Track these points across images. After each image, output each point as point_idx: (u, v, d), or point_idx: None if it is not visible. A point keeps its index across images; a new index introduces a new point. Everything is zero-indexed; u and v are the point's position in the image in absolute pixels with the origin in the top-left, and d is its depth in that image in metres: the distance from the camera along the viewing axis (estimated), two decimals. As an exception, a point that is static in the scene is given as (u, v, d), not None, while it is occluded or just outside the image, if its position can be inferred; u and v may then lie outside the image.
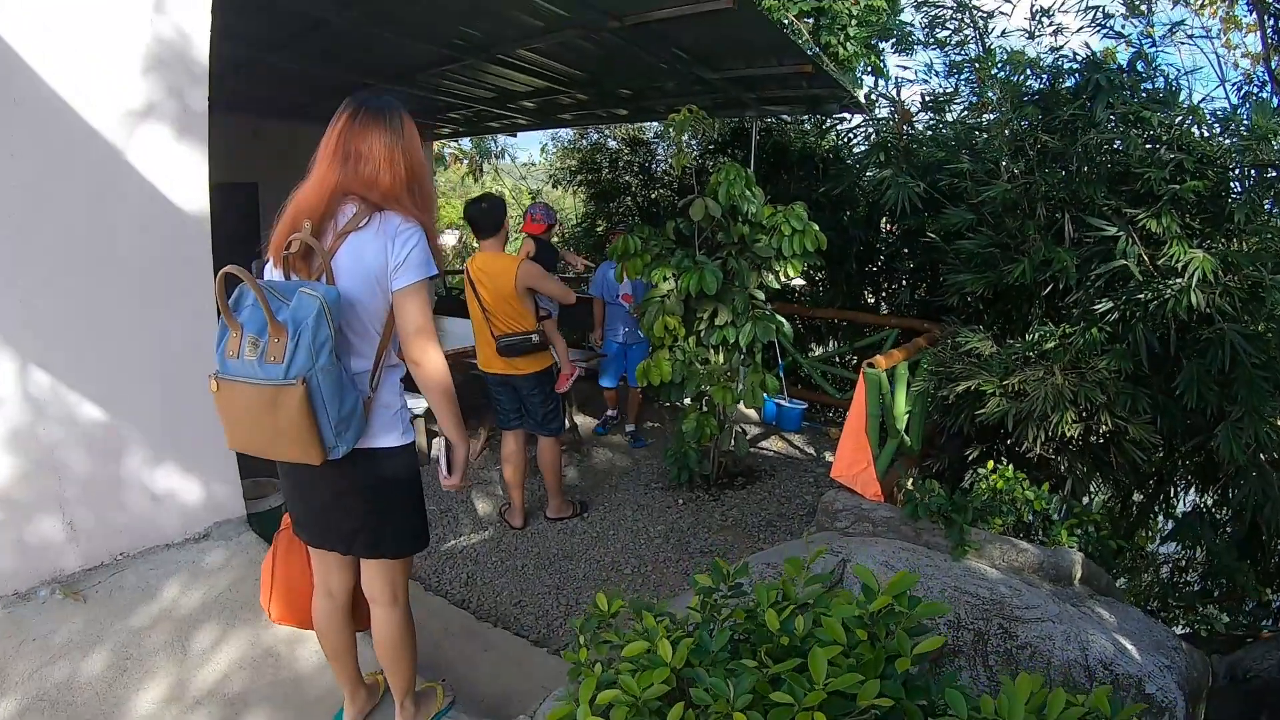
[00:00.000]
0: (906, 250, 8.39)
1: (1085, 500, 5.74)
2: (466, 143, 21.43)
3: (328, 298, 2.43)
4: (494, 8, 6.29)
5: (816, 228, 5.72)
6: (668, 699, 2.07)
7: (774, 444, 7.91)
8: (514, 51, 7.59)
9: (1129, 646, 3.64)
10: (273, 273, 2.70)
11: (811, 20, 8.93)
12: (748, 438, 7.70)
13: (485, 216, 5.39)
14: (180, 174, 4.55)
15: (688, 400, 6.28)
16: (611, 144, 13.79)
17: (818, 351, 9.48)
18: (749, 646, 2.27)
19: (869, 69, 7.65)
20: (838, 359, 8.83)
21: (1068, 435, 4.85)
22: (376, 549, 2.86)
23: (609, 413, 8.16)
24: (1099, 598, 4.30)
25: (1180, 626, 6.68)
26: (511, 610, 5.00)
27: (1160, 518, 7.03)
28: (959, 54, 7.34)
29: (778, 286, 5.97)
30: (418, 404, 7.17)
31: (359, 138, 2.66)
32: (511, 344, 5.41)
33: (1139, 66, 5.88)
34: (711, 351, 6.03)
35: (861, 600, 2.18)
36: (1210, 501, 6.14)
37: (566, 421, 8.12)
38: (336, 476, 2.70)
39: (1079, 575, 4.39)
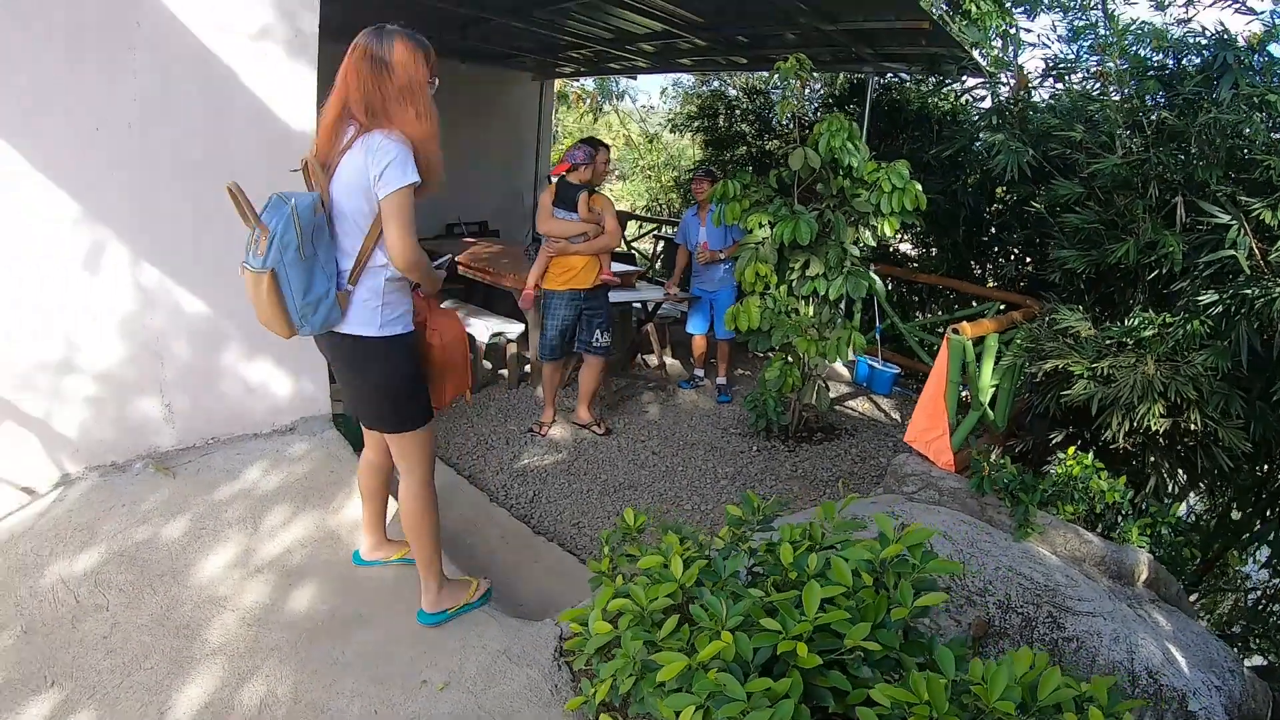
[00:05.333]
0: (1015, 221, 8.21)
1: (1168, 503, 5.61)
2: (590, 83, 21.46)
3: (299, 207, 2.95)
4: None
5: (918, 187, 5.68)
6: (673, 614, 2.21)
7: (860, 404, 7.93)
8: None
9: (1179, 658, 3.62)
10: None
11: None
12: (836, 396, 7.76)
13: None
14: (290, 92, 4.94)
15: (774, 349, 6.32)
16: (730, 92, 13.70)
17: (920, 319, 9.35)
18: (764, 578, 2.40)
19: (999, 30, 7.44)
20: (939, 327, 8.67)
21: (1154, 429, 4.76)
22: (379, 422, 3.43)
23: (697, 372, 8.20)
24: (1160, 604, 4.25)
25: (1258, 657, 6.52)
26: (569, 530, 5.25)
27: (1256, 540, 6.70)
28: (1081, 19, 7.13)
29: (873, 244, 5.97)
30: (510, 329, 7.42)
31: (354, 68, 3.00)
32: None
33: (1270, 49, 5.66)
34: (801, 303, 6.07)
35: (875, 547, 2.27)
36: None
37: (654, 359, 8.47)
38: (337, 358, 3.30)
39: (1143, 577, 4.35)
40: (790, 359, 6.26)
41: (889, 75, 9.95)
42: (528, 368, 7.92)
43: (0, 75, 4.18)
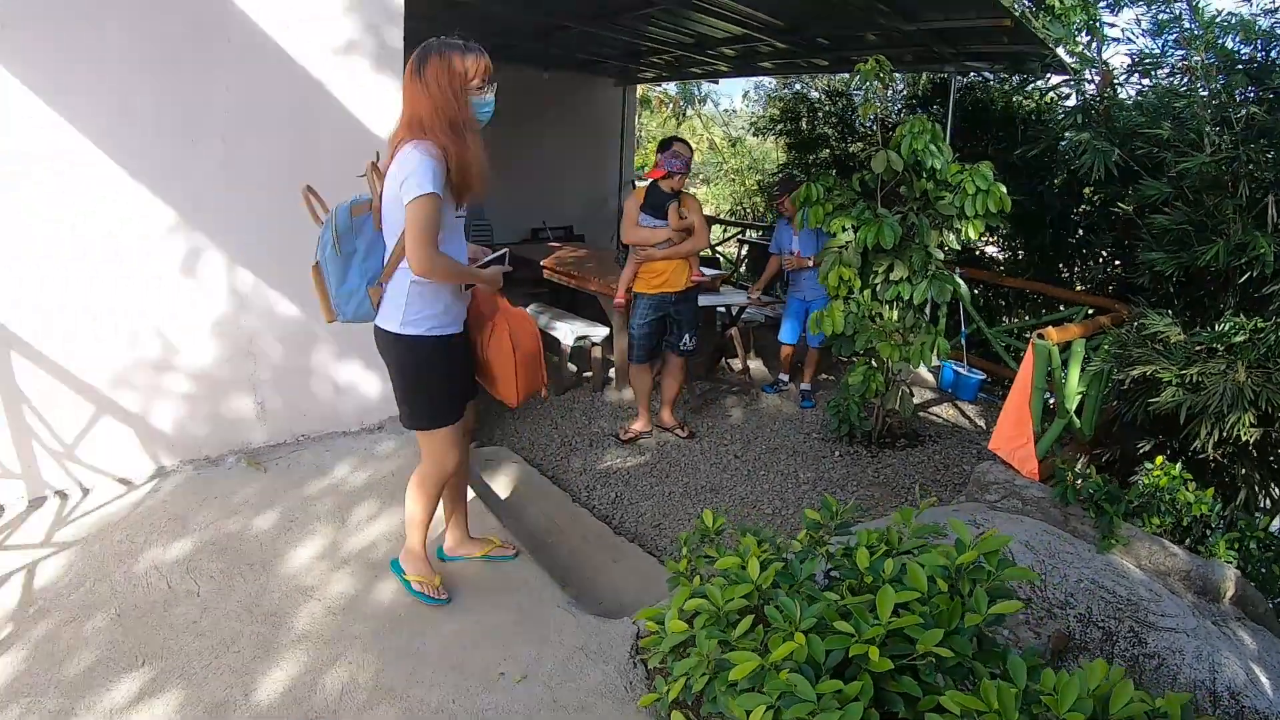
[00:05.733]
0: (1102, 223, 8.02)
1: (1259, 517, 5.43)
2: (673, 87, 21.54)
3: (338, 210, 3.40)
4: None
5: (1003, 189, 5.60)
6: (748, 615, 2.23)
7: (945, 411, 7.85)
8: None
9: (1264, 680, 3.54)
10: None
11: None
12: (921, 401, 7.74)
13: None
14: (375, 104, 5.20)
15: (857, 354, 6.26)
16: (812, 94, 13.62)
17: (1007, 323, 9.20)
18: (840, 582, 2.41)
19: (1084, 26, 7.26)
20: (1025, 332, 8.44)
21: (1244, 439, 4.62)
22: (400, 415, 3.67)
23: (781, 376, 8.14)
24: (1247, 623, 4.14)
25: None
26: (650, 531, 5.32)
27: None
28: (1165, 12, 6.97)
29: (958, 247, 5.91)
30: (595, 332, 7.50)
31: (405, 82, 3.29)
32: None
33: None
34: (885, 307, 6.03)
35: (951, 553, 2.28)
36: None
37: (738, 364, 8.49)
38: (378, 349, 3.56)
39: (1230, 594, 4.24)
40: (874, 364, 6.23)
41: (972, 75, 9.83)
42: (612, 371, 8.01)
43: (100, 90, 4.50)
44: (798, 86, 14.42)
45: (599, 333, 7.70)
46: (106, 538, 4.38)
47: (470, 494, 4.70)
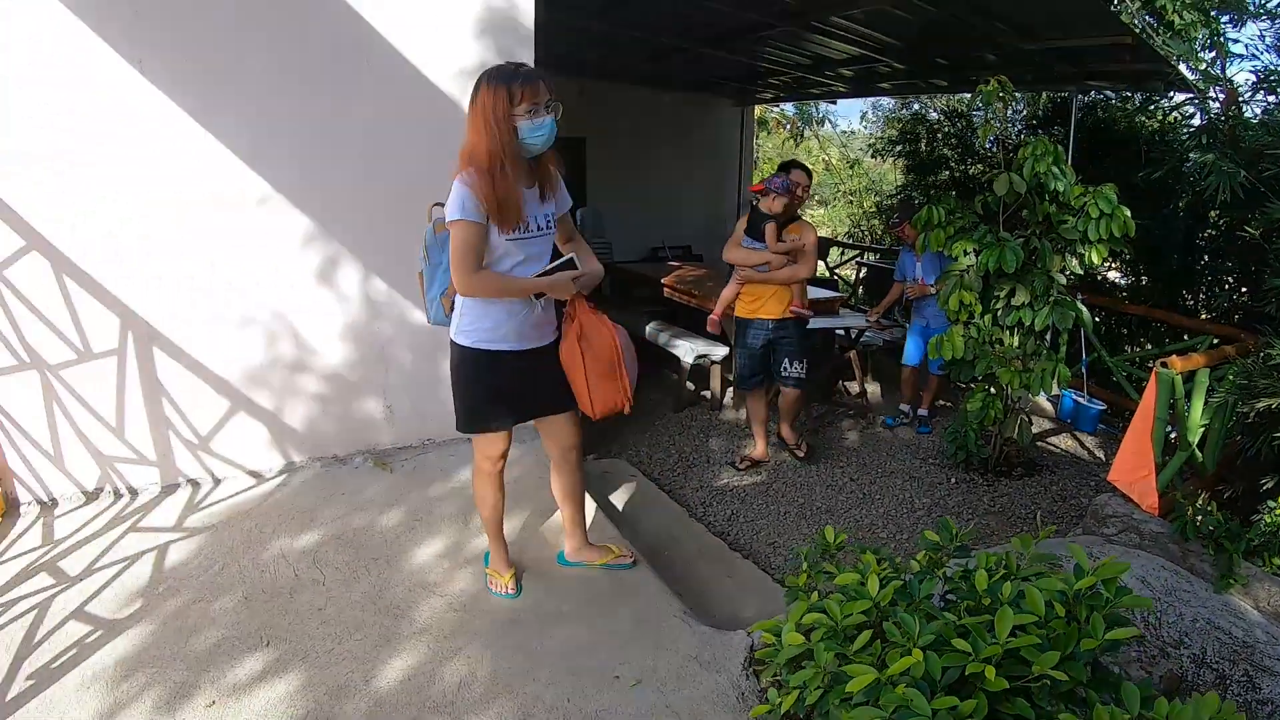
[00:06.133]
0: (1229, 248, 7.81)
1: None
2: (790, 107, 21.51)
3: (427, 229, 3.74)
4: None
5: (1127, 213, 5.48)
6: (865, 630, 2.28)
7: (1063, 441, 7.72)
8: (828, 19, 7.75)
9: None
10: None
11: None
12: (1039, 431, 7.62)
13: None
14: None
15: (976, 380, 6.23)
16: (931, 115, 13.54)
17: (1129, 351, 8.96)
18: (956, 604, 2.45)
19: (1207, 42, 7.06)
20: (1148, 361, 8.19)
21: None
22: None
23: (903, 407, 7.99)
24: None
25: None
26: (764, 549, 5.38)
27: None
28: None
29: (1080, 272, 5.82)
30: (715, 351, 7.69)
31: None
32: None
33: None
34: (1006, 333, 5.98)
35: (1070, 579, 2.30)
36: None
37: (855, 387, 8.46)
38: None
39: None
40: (993, 390, 6.18)
41: (1093, 93, 9.67)
42: (730, 390, 8.08)
43: (246, 110, 4.95)
44: (916, 107, 14.40)
45: (718, 352, 7.77)
46: (236, 525, 4.68)
47: (590, 503, 4.86)
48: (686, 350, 7.78)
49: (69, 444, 5.00)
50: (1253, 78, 7.11)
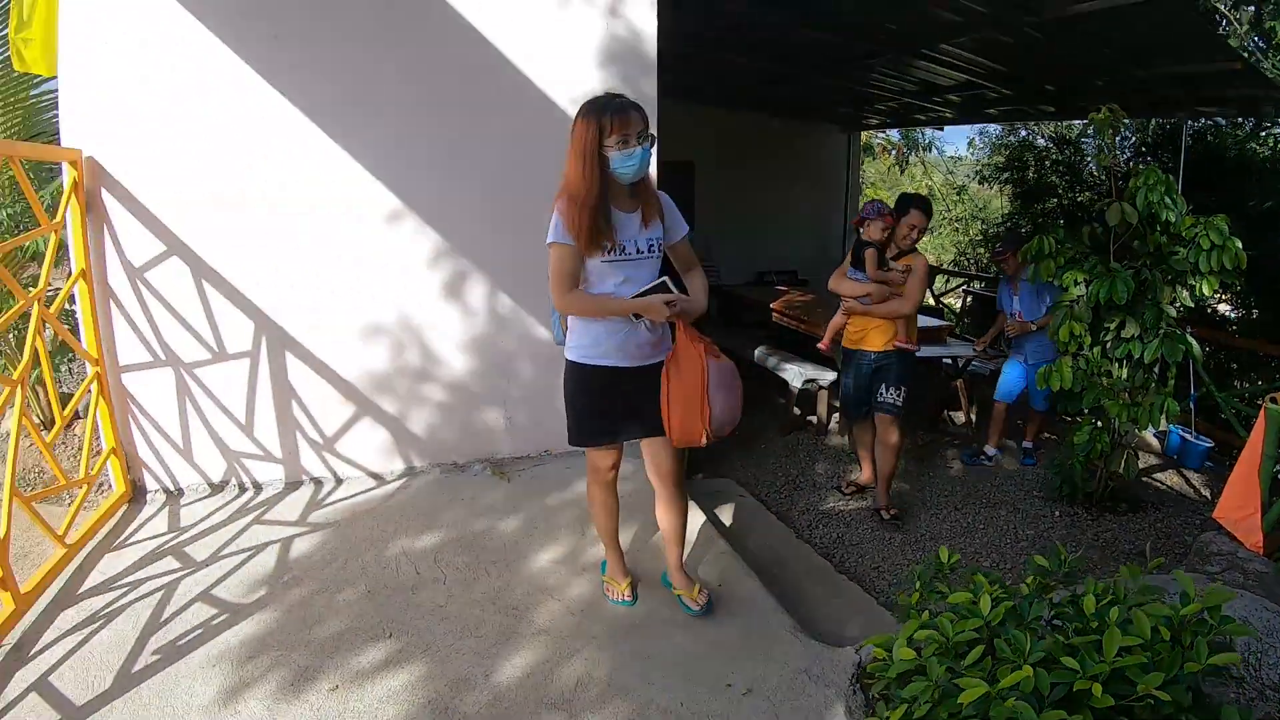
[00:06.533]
0: None
1: None
2: (896, 134, 21.43)
3: None
4: (917, 4, 6.71)
5: (1238, 244, 5.44)
6: (976, 647, 2.42)
7: (1169, 478, 7.68)
8: (937, 46, 7.84)
9: None
10: None
11: (1253, 8, 8.20)
12: (1144, 466, 7.58)
13: None
14: None
15: (1083, 413, 6.23)
16: (1039, 142, 13.49)
17: (1238, 387, 8.85)
18: (1063, 627, 2.57)
19: None
20: (1258, 398, 8.14)
21: None
22: None
23: (987, 449, 7.74)
24: None
25: None
26: (869, 572, 5.49)
27: None
28: None
29: (1190, 304, 5.79)
30: (823, 376, 7.84)
31: None
32: None
33: None
34: (1115, 365, 5.97)
35: (1175, 606, 2.42)
36: None
37: (961, 416, 8.53)
38: None
39: None
40: (1100, 424, 6.17)
41: (1203, 120, 9.57)
42: (836, 415, 8.19)
43: (381, 131, 5.38)
44: (1023, 133, 14.32)
45: (826, 377, 7.91)
46: (358, 523, 4.99)
47: (701, 519, 5.08)
48: (795, 374, 7.95)
49: (198, 438, 5.43)
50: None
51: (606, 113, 3.45)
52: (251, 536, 4.88)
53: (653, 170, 4.31)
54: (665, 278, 3.62)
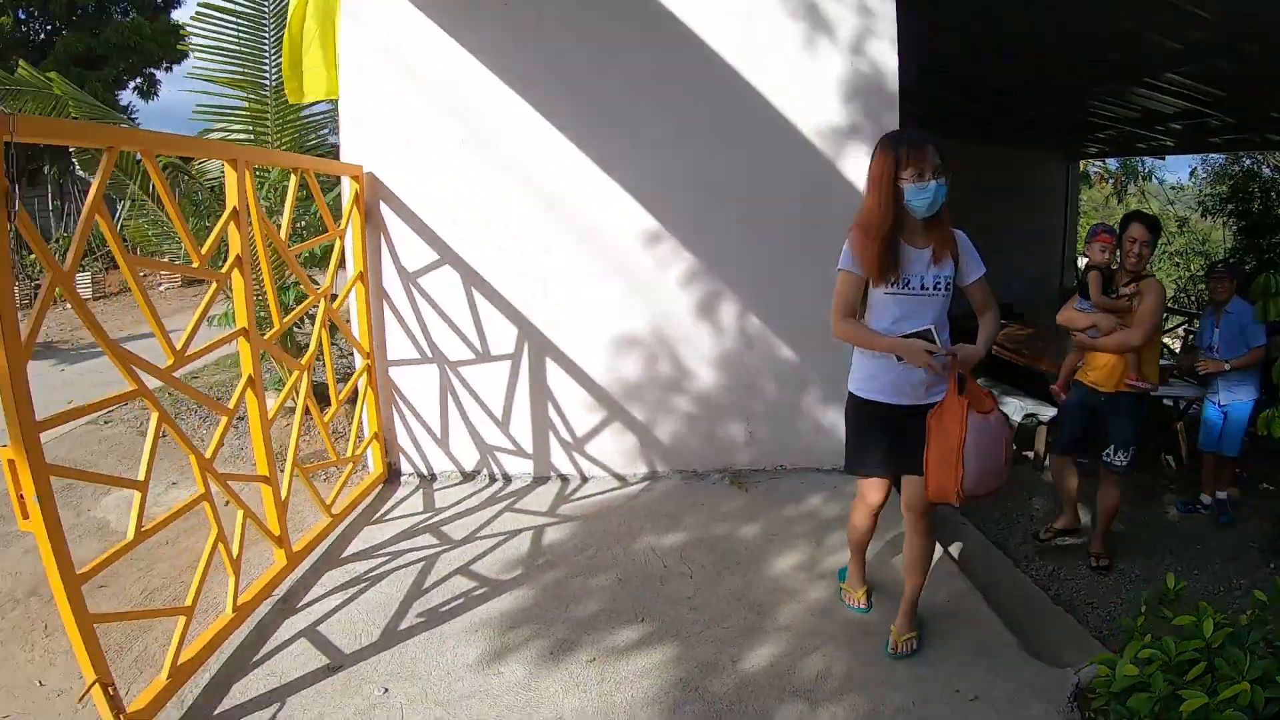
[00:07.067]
0: None
1: None
2: (1114, 162, 20.98)
3: None
4: (1135, 34, 6.86)
5: None
6: (1196, 664, 2.75)
7: None
8: (1161, 75, 7.94)
9: None
10: None
11: None
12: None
13: None
14: None
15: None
16: (1264, 171, 13.25)
17: None
18: (1280, 655, 2.87)
19: None
20: None
21: None
22: None
23: (1203, 497, 7.35)
24: None
25: None
26: (1082, 605, 5.66)
27: None
28: None
29: None
30: (1043, 411, 7.96)
31: None
32: None
33: None
34: (1339, 411, 5.78)
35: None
36: None
37: (1174, 461, 8.37)
38: None
39: None
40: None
41: None
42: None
43: (644, 160, 5.97)
44: (1248, 163, 13.99)
45: (1046, 413, 7.99)
46: (605, 518, 5.56)
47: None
48: (1015, 408, 8.07)
49: (455, 429, 6.17)
50: None
51: (902, 146, 3.58)
52: (504, 522, 5.52)
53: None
54: (932, 326, 3.64)
